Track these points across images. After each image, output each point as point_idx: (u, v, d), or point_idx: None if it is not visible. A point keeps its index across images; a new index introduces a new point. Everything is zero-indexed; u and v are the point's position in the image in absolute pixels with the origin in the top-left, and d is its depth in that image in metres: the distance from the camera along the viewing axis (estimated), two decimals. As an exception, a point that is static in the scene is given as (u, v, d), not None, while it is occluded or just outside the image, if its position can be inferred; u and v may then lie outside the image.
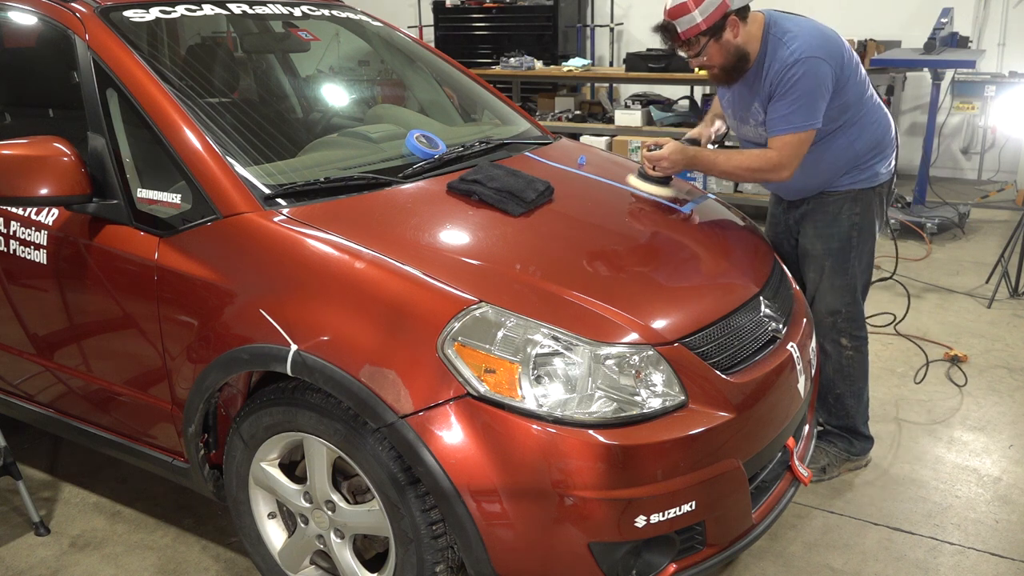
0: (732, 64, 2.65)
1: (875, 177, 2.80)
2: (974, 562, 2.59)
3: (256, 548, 2.39)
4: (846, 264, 2.83)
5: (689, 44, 2.61)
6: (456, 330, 1.92)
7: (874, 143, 2.78)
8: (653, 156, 2.74)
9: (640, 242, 2.50)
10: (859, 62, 2.73)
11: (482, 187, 2.40)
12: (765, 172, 2.67)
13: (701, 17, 2.52)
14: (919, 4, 7.33)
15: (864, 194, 2.80)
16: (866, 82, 2.76)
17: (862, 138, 2.74)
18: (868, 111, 2.75)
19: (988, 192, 7.00)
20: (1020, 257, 4.71)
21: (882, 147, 2.81)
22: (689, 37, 2.57)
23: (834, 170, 2.77)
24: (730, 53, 2.62)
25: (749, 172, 2.73)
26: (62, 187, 2.26)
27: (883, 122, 2.81)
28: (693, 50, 2.62)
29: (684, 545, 2.04)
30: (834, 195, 2.81)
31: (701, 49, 2.60)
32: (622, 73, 6.74)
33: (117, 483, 3.05)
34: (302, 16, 3.21)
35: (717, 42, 2.59)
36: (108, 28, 2.47)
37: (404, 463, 1.96)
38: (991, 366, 3.89)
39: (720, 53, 2.62)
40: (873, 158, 2.79)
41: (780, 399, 2.26)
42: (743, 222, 2.87)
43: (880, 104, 2.83)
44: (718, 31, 2.56)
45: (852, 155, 2.76)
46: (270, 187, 2.27)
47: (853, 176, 2.78)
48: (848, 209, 2.80)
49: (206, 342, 2.19)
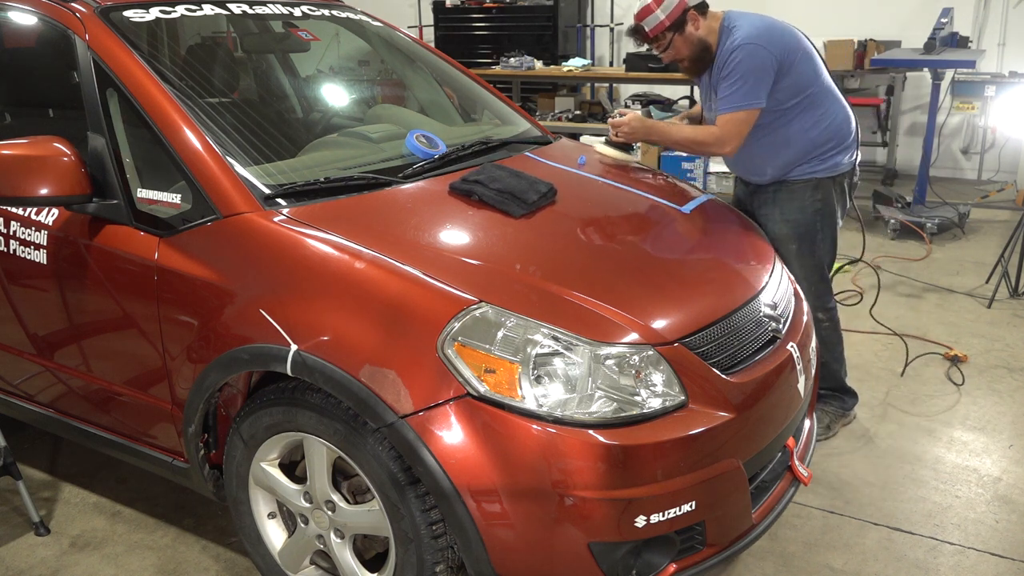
0: (697, 54, 2.96)
1: (835, 167, 3.05)
2: (974, 562, 2.59)
3: (256, 548, 2.39)
4: (812, 246, 3.08)
5: (657, 40, 2.95)
6: (456, 330, 1.92)
7: (832, 133, 3.02)
8: (616, 122, 3.07)
9: (640, 242, 2.50)
10: (813, 53, 3.01)
11: (483, 188, 2.39)
12: (709, 145, 2.96)
13: (664, 14, 2.88)
14: (919, 4, 7.33)
15: (824, 183, 3.05)
16: (821, 73, 3.01)
17: (818, 126, 2.99)
18: (823, 102, 3.00)
19: (988, 192, 7.00)
20: (1020, 257, 4.71)
21: (841, 138, 3.04)
22: (656, 33, 2.93)
23: (792, 155, 3.01)
24: (694, 45, 2.94)
25: (695, 144, 3.02)
26: (62, 187, 2.26)
27: (841, 114, 3.06)
28: (661, 45, 2.97)
29: (684, 545, 2.04)
30: (797, 183, 3.06)
31: (668, 43, 2.95)
32: (622, 73, 6.75)
33: (117, 483, 3.05)
34: (302, 16, 3.21)
35: (681, 35, 2.93)
36: (108, 28, 2.47)
37: (404, 463, 1.96)
38: (991, 366, 3.89)
39: (685, 45, 2.95)
40: (832, 148, 3.03)
41: (780, 399, 2.26)
42: (743, 222, 2.88)
43: (840, 99, 3.09)
44: (680, 25, 2.91)
45: (808, 142, 2.99)
46: (270, 187, 2.27)
47: (813, 165, 3.03)
48: (810, 196, 3.04)
49: (206, 342, 2.19)
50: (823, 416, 3.29)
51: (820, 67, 3.02)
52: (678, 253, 2.49)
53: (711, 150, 2.98)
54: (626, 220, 2.64)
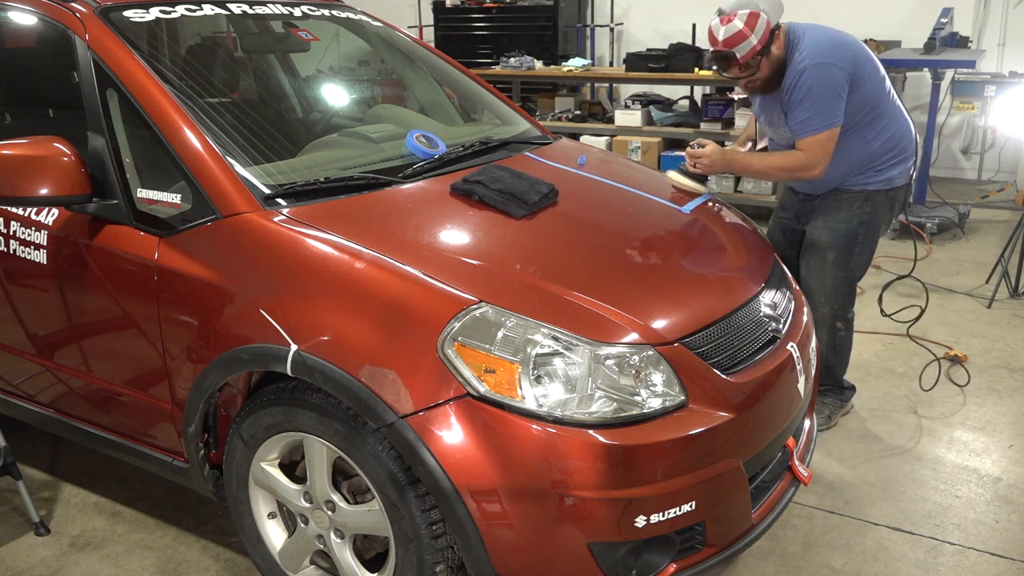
0: (775, 75, 2.89)
1: (889, 181, 2.97)
2: (974, 562, 2.59)
3: (256, 548, 2.39)
4: (849, 258, 3.02)
5: (747, 66, 2.85)
6: (456, 330, 1.92)
7: (891, 145, 2.94)
8: (695, 153, 2.94)
9: (640, 242, 2.49)
10: (878, 65, 2.91)
11: (484, 188, 2.39)
12: (797, 171, 2.89)
13: (756, 39, 2.78)
14: (919, 4, 7.33)
15: (876, 195, 2.98)
16: (885, 83, 2.92)
17: (879, 138, 2.91)
18: (887, 113, 2.92)
19: (988, 192, 7.00)
20: (1020, 257, 4.71)
21: (899, 150, 2.96)
22: (748, 59, 2.82)
23: (849, 166, 2.94)
24: (775, 64, 2.88)
25: (782, 171, 2.95)
26: (62, 187, 2.26)
27: (903, 127, 2.97)
28: (751, 70, 2.86)
29: (684, 545, 2.04)
30: (848, 193, 2.99)
31: (756, 67, 2.85)
32: (622, 73, 6.74)
33: (117, 483, 3.05)
34: (302, 16, 3.21)
35: (767, 58, 2.85)
36: (108, 28, 2.47)
37: (404, 463, 1.96)
38: (991, 366, 3.89)
39: (769, 66, 2.87)
40: (889, 160, 2.95)
41: (780, 399, 2.26)
42: (743, 222, 2.87)
43: (902, 110, 2.99)
44: (768, 48, 2.83)
45: (868, 154, 2.92)
46: (270, 187, 2.27)
47: (868, 176, 2.95)
48: (859, 208, 2.98)
49: (206, 342, 2.19)
50: (823, 407, 3.32)
51: (885, 78, 2.96)
52: (678, 253, 2.49)
53: (800, 175, 2.91)
54: (626, 220, 2.63)
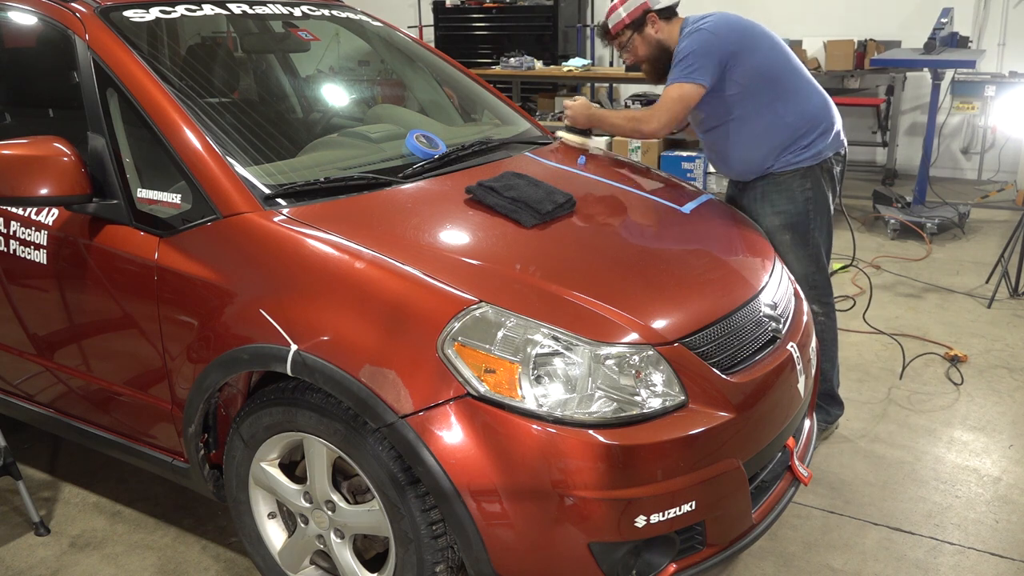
0: (655, 56, 3.05)
1: (819, 154, 3.04)
2: (974, 562, 2.59)
3: (256, 548, 2.39)
4: (806, 235, 3.07)
5: (618, 37, 3.06)
6: (456, 330, 1.92)
7: (808, 118, 3.01)
8: (566, 103, 3.21)
9: (640, 242, 2.50)
10: (780, 44, 3.05)
11: (496, 196, 2.37)
12: (639, 121, 2.99)
13: (625, 12, 3.00)
14: (919, 4, 7.33)
15: (811, 170, 3.05)
16: (791, 60, 3.04)
17: (790, 111, 2.99)
18: (799, 88, 3.01)
19: (988, 192, 7.00)
20: (1020, 257, 4.71)
21: (817, 122, 3.03)
22: (617, 31, 3.05)
23: (771, 145, 3.01)
24: (652, 46, 3.04)
25: (627, 121, 3.05)
26: (62, 187, 2.26)
27: (817, 100, 3.06)
28: (620, 42, 3.07)
29: (684, 545, 2.04)
30: (783, 174, 3.05)
31: (627, 41, 3.05)
32: (622, 73, 6.74)
33: (117, 483, 3.05)
34: (302, 16, 3.21)
35: (640, 35, 3.03)
36: (108, 28, 2.47)
37: (404, 463, 1.96)
38: (991, 366, 3.89)
39: (643, 45, 3.04)
40: (812, 135, 3.02)
41: (780, 399, 2.26)
42: (743, 222, 2.88)
43: (817, 86, 3.10)
44: (639, 26, 3.01)
45: (785, 128, 2.99)
46: (270, 187, 2.27)
47: (796, 154, 3.02)
48: (800, 185, 3.04)
49: (206, 342, 2.19)
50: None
51: (791, 56, 3.04)
52: (678, 253, 2.49)
53: (640, 127, 2.97)
54: (626, 220, 2.64)
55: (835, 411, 3.29)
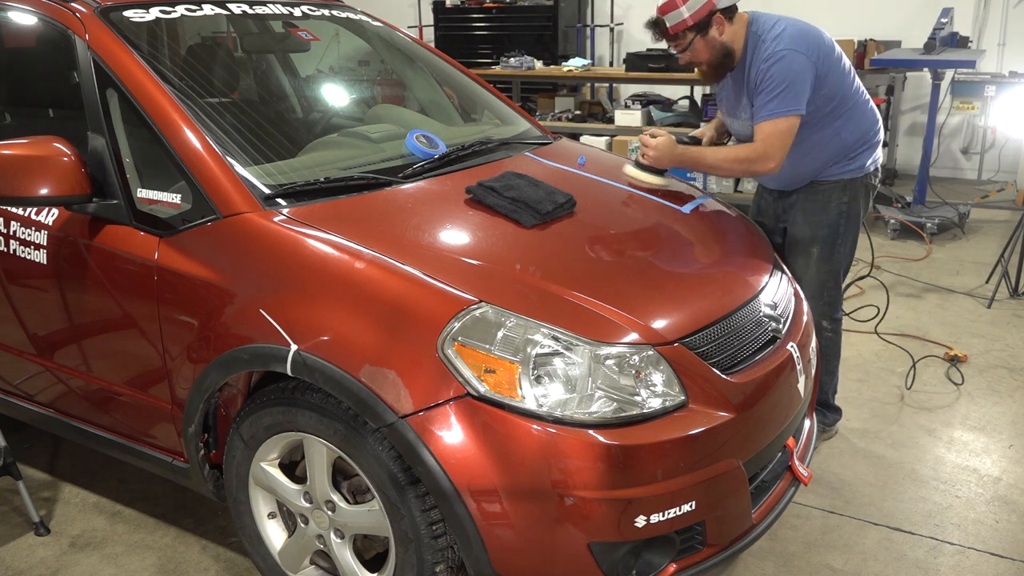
0: (718, 60, 2.81)
1: (862, 168, 2.95)
2: (974, 562, 2.59)
3: (256, 548, 2.39)
4: (832, 250, 2.99)
5: (677, 39, 2.78)
6: (456, 330, 1.92)
7: (861, 134, 2.93)
8: (645, 141, 2.86)
9: (640, 242, 2.50)
10: (843, 55, 2.89)
11: (497, 196, 2.37)
12: (752, 162, 2.78)
13: (688, 13, 2.71)
14: (919, 4, 7.33)
15: (853, 183, 2.95)
16: (851, 75, 2.91)
17: (847, 128, 2.89)
18: (855, 103, 2.90)
19: (988, 192, 7.00)
20: (1020, 257, 4.71)
21: (868, 138, 2.96)
22: (677, 32, 2.76)
23: (823, 159, 2.92)
24: (716, 49, 2.79)
25: (737, 163, 2.83)
26: (62, 187, 2.26)
27: (870, 115, 2.97)
28: (680, 45, 2.80)
29: (684, 545, 2.04)
30: (824, 184, 2.96)
31: (688, 44, 2.78)
32: (622, 73, 6.74)
33: (117, 483, 3.05)
34: (302, 16, 3.21)
35: (703, 38, 2.76)
36: (108, 28, 2.47)
37: (404, 463, 1.96)
38: (991, 366, 3.89)
39: (706, 49, 2.79)
40: (860, 148, 2.93)
41: (780, 399, 2.26)
42: (743, 222, 2.87)
43: (868, 99, 2.98)
44: (704, 28, 2.74)
45: (840, 144, 2.90)
46: (270, 187, 2.27)
47: (843, 166, 2.93)
48: (837, 197, 2.95)
49: (206, 342, 2.19)
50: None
51: (850, 68, 2.92)
52: (678, 253, 2.49)
53: (755, 167, 2.77)
54: (626, 220, 2.64)
55: (832, 416, 3.28)
